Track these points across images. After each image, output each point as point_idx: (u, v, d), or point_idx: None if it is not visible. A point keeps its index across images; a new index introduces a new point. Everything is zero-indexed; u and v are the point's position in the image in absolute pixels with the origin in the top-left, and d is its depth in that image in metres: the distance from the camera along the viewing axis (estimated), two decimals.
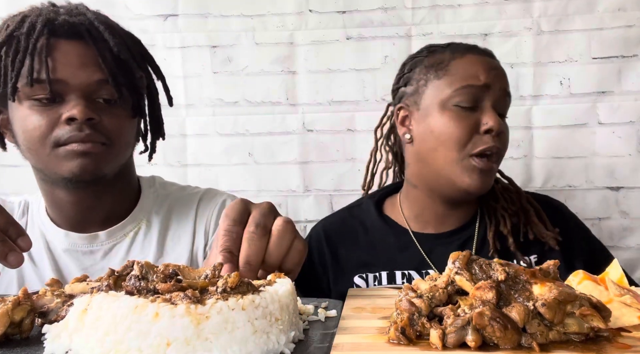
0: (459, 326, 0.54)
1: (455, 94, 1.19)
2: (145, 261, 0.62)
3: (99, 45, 1.07)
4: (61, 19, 1.07)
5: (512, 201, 1.31)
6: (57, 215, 1.17)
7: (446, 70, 1.22)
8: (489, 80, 1.18)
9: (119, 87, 1.07)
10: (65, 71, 1.04)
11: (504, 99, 1.22)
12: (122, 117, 1.11)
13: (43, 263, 1.15)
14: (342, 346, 0.55)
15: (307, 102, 1.91)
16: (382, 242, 1.31)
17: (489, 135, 1.16)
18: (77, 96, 1.05)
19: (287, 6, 1.90)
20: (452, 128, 1.18)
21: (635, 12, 1.78)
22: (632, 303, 0.59)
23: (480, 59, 1.23)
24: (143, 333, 0.53)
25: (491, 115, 1.17)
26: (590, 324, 0.54)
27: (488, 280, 0.58)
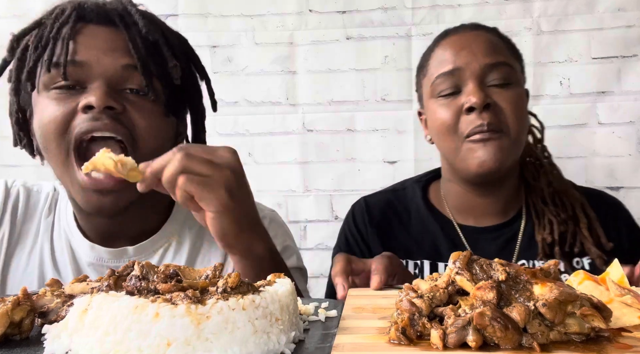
0: (459, 326, 0.53)
1: (434, 87, 1.19)
2: (146, 262, 0.62)
3: (130, 30, 0.96)
4: (91, 3, 0.99)
5: (563, 206, 1.23)
6: (86, 224, 1.06)
7: (427, 66, 1.24)
8: (460, 62, 1.16)
9: (148, 76, 0.95)
10: (88, 54, 0.93)
11: (494, 70, 1.15)
12: (152, 112, 0.97)
13: (66, 273, 1.06)
14: (342, 346, 0.55)
15: (307, 102, 1.91)
16: (426, 230, 1.28)
17: (475, 113, 1.12)
18: (100, 83, 0.93)
19: (287, 6, 1.90)
20: (439, 117, 1.17)
21: (635, 12, 1.78)
22: (633, 303, 0.59)
23: (452, 42, 1.21)
24: (143, 333, 0.53)
25: (470, 91, 1.13)
26: (591, 325, 0.54)
27: (489, 280, 0.58)
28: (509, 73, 1.17)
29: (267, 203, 1.34)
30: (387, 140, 1.90)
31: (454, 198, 1.28)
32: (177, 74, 1.00)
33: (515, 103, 1.15)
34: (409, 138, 1.90)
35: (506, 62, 1.18)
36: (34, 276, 1.06)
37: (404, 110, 1.89)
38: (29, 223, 1.09)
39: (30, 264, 1.06)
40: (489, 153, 1.13)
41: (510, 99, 1.15)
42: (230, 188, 0.82)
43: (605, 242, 1.19)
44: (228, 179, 0.82)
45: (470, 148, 1.14)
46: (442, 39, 1.24)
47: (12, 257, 1.07)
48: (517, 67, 1.22)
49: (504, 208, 1.26)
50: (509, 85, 1.16)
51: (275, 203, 1.90)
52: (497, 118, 1.13)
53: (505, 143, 1.14)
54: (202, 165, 0.81)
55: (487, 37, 1.20)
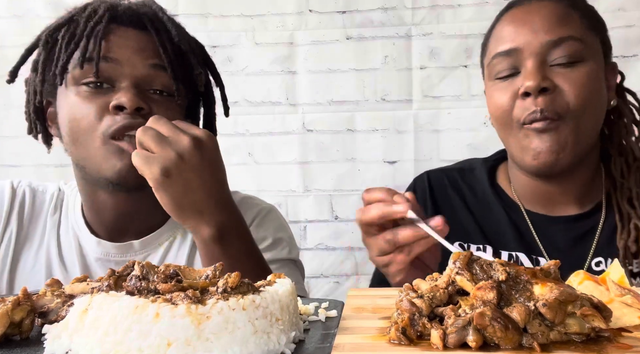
0: (459, 327, 0.53)
1: (491, 68, 1.09)
2: (146, 262, 0.62)
3: (160, 35, 1.01)
4: (124, 6, 1.03)
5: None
6: (94, 219, 1.10)
7: (487, 44, 1.13)
8: (519, 41, 1.04)
9: (176, 77, 1.00)
10: (119, 53, 0.98)
11: (558, 47, 1.02)
12: (176, 113, 1.02)
13: (74, 270, 1.08)
14: (342, 347, 0.55)
15: (307, 102, 1.91)
16: (491, 215, 1.17)
17: (531, 98, 1.01)
18: (128, 83, 0.97)
19: (287, 6, 1.90)
20: (495, 102, 1.08)
21: (635, 12, 1.78)
22: (633, 303, 0.59)
23: (512, 16, 1.09)
24: (143, 333, 0.53)
25: (527, 73, 1.01)
26: (591, 325, 0.54)
27: (489, 280, 0.58)
28: (577, 49, 1.02)
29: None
30: (387, 140, 1.90)
31: (521, 184, 1.16)
32: (201, 81, 1.06)
33: (581, 83, 1.01)
34: (409, 138, 1.90)
35: (573, 36, 1.03)
36: (41, 274, 1.08)
37: (404, 110, 1.90)
38: (35, 222, 1.12)
39: (37, 262, 1.09)
40: (545, 143, 1.02)
41: (575, 80, 1.01)
42: (167, 169, 0.86)
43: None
44: (167, 159, 0.86)
45: (526, 136, 1.03)
46: (505, 13, 1.12)
47: (20, 255, 1.10)
48: (590, 40, 1.05)
49: (579, 199, 1.13)
50: (577, 63, 1.02)
51: (275, 203, 1.88)
52: (556, 103, 1.00)
53: (565, 131, 1.01)
54: (151, 141, 0.87)
55: (553, 8, 1.06)
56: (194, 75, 1.05)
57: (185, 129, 0.89)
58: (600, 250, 1.10)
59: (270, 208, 1.23)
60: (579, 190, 1.12)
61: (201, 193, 0.90)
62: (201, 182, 0.90)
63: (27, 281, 1.07)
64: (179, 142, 0.87)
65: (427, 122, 1.88)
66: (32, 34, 2.13)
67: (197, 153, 0.88)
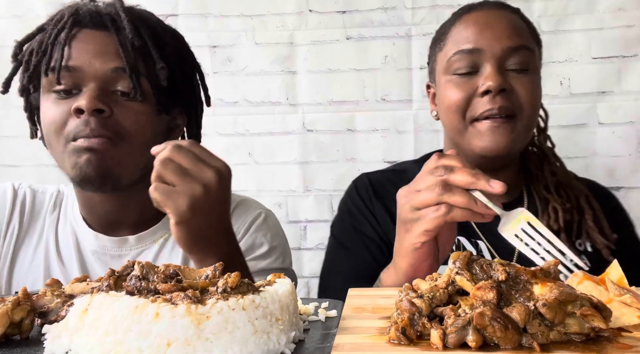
0: (459, 327, 0.53)
1: (451, 62, 1.16)
2: (146, 262, 0.62)
3: (121, 34, 1.03)
4: (86, 9, 1.05)
5: (567, 197, 1.23)
6: (88, 214, 1.14)
7: (446, 39, 1.20)
8: (482, 43, 1.12)
9: (136, 77, 1.01)
10: (81, 59, 1.00)
11: (515, 54, 1.12)
12: (141, 113, 1.04)
13: (71, 264, 1.12)
14: (342, 347, 0.55)
15: (307, 102, 1.91)
16: None
17: (489, 96, 1.10)
18: (92, 87, 1.00)
19: (287, 6, 1.90)
20: (451, 95, 1.15)
21: (635, 12, 1.78)
22: (632, 303, 0.59)
23: (477, 18, 1.17)
24: (143, 333, 0.53)
25: (488, 74, 1.10)
26: (591, 325, 0.54)
27: (489, 280, 0.58)
28: (529, 58, 1.14)
29: (267, 203, 1.34)
30: (387, 140, 1.90)
31: None
32: (163, 76, 1.05)
33: (531, 89, 1.13)
34: (409, 138, 1.90)
35: (528, 46, 1.15)
36: (39, 269, 1.11)
37: (404, 110, 1.89)
38: (35, 220, 1.16)
39: (36, 257, 1.12)
40: (496, 139, 1.11)
41: (527, 85, 1.12)
42: (194, 203, 0.84)
43: (609, 233, 1.20)
44: (194, 193, 0.84)
45: (479, 131, 1.12)
46: (465, 14, 1.20)
47: (19, 252, 1.13)
48: (537, 52, 1.19)
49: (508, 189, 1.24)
50: (527, 71, 1.14)
51: (275, 203, 1.90)
52: (510, 103, 1.11)
53: (516, 129, 1.12)
54: (173, 175, 0.84)
55: (511, 19, 1.17)
56: (156, 70, 1.04)
57: (207, 160, 0.87)
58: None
59: (267, 213, 1.23)
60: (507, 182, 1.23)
61: (217, 226, 0.90)
62: (219, 215, 0.90)
63: (26, 276, 1.10)
64: (204, 176, 0.85)
65: (427, 122, 1.88)
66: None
67: (221, 186, 0.87)
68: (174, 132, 1.16)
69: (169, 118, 1.12)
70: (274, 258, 1.15)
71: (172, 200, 0.84)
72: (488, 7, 1.20)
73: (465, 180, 0.82)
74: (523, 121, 1.13)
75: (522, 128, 1.13)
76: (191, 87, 1.17)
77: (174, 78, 1.08)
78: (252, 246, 1.14)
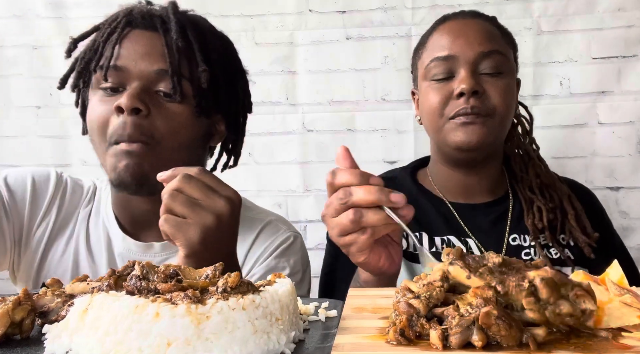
0: (464, 326, 0.53)
1: (428, 69, 1.23)
2: (147, 262, 0.62)
3: (168, 35, 1.05)
4: (138, 10, 1.08)
5: (551, 198, 1.30)
6: (121, 213, 1.14)
7: (424, 48, 1.28)
8: (455, 49, 1.20)
9: (178, 79, 1.03)
10: (129, 59, 1.03)
11: (487, 58, 1.19)
12: (178, 114, 1.04)
13: (101, 261, 1.12)
14: (342, 347, 0.55)
15: (307, 102, 1.91)
16: (420, 209, 1.29)
17: (464, 98, 1.17)
18: (134, 86, 1.01)
19: (287, 6, 1.90)
20: (430, 99, 1.22)
21: (635, 12, 1.78)
22: (633, 303, 0.59)
23: (450, 27, 1.25)
24: (143, 333, 0.53)
25: (462, 78, 1.18)
26: (582, 307, 0.55)
27: (482, 267, 0.59)
28: (502, 62, 1.21)
29: (267, 203, 1.34)
30: (387, 140, 1.90)
31: (442, 178, 1.34)
32: (205, 78, 1.06)
33: (504, 91, 1.20)
34: (409, 138, 1.90)
35: (500, 50, 1.21)
36: (68, 263, 1.11)
37: (404, 110, 1.90)
38: (72, 212, 1.16)
39: (67, 251, 1.13)
40: (468, 133, 1.18)
41: (499, 88, 1.20)
42: (206, 234, 0.83)
43: (591, 232, 1.27)
44: (205, 224, 0.83)
45: (452, 128, 1.20)
46: (441, 24, 1.28)
47: (52, 243, 1.13)
48: (510, 56, 1.25)
49: (491, 189, 1.33)
50: (501, 74, 1.21)
51: (275, 203, 1.90)
52: (484, 104, 1.18)
53: (487, 124, 1.19)
54: (183, 206, 0.83)
55: (484, 26, 1.24)
56: (198, 72, 1.06)
57: (218, 189, 0.86)
58: (513, 229, 1.29)
59: (296, 236, 1.22)
60: (489, 181, 1.33)
61: (225, 253, 0.89)
62: (229, 244, 0.90)
63: (56, 268, 1.11)
64: (215, 206, 0.84)
65: None
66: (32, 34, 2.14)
67: (232, 215, 0.86)
68: (213, 137, 1.17)
69: (208, 123, 1.12)
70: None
71: (183, 232, 0.82)
72: (462, 16, 1.28)
73: (368, 200, 0.81)
74: (496, 120, 1.20)
75: (495, 125, 1.20)
76: (234, 93, 1.18)
77: (216, 82, 1.09)
78: (273, 269, 1.13)
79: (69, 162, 2.01)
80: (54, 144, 2.02)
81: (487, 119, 1.19)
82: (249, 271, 1.14)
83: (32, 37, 1.99)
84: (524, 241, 1.27)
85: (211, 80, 1.07)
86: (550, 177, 1.34)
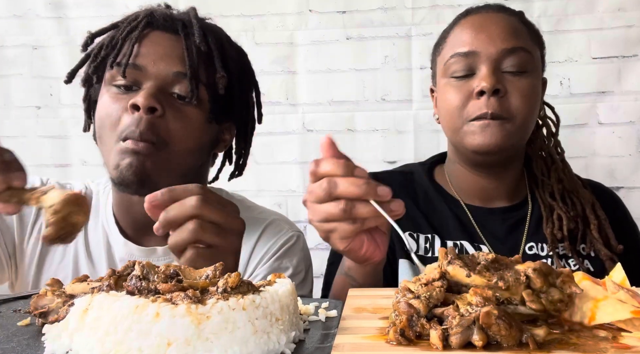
0: (465, 326, 0.54)
1: (448, 65, 1.17)
2: (147, 262, 0.62)
3: (189, 39, 1.05)
4: (161, 12, 1.09)
5: (573, 205, 1.22)
6: (123, 216, 1.12)
7: (444, 43, 1.21)
8: (477, 45, 1.13)
9: (195, 83, 1.03)
10: (147, 59, 1.03)
11: (510, 56, 1.12)
12: (191, 117, 1.04)
13: (101, 267, 1.11)
14: (342, 347, 0.55)
15: (307, 102, 1.92)
16: (434, 209, 1.26)
17: (484, 98, 1.11)
18: (151, 85, 1.01)
19: (287, 6, 1.90)
20: (449, 98, 1.16)
21: (635, 12, 1.78)
22: (627, 299, 0.60)
23: (472, 21, 1.18)
24: (144, 333, 0.53)
25: (483, 76, 1.11)
26: (568, 291, 0.59)
27: (477, 266, 0.60)
28: (526, 60, 1.14)
29: (267, 203, 1.34)
30: (387, 140, 1.91)
31: (459, 179, 1.27)
32: (222, 84, 1.06)
33: (527, 92, 1.13)
34: (409, 138, 1.90)
35: (524, 48, 1.14)
36: (69, 269, 1.10)
37: (404, 110, 1.90)
38: None
39: (65, 256, 1.12)
40: (487, 136, 1.12)
41: (522, 88, 1.12)
42: (236, 255, 0.85)
43: (615, 244, 1.19)
44: (235, 248, 0.85)
45: (472, 131, 1.13)
46: (463, 18, 1.21)
47: (48, 250, 1.12)
48: (536, 54, 1.18)
49: (509, 193, 1.26)
50: (524, 73, 1.13)
51: (275, 203, 1.90)
52: (504, 106, 1.11)
53: (507, 128, 1.12)
54: (214, 236, 0.80)
55: (509, 21, 1.17)
56: (215, 78, 1.06)
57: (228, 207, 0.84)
58: (530, 237, 1.22)
59: (299, 235, 1.21)
60: (508, 185, 1.26)
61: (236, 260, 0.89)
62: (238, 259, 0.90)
63: (55, 274, 1.09)
64: (236, 227, 0.84)
65: (427, 122, 1.88)
66: (32, 34, 2.14)
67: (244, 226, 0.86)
68: (219, 145, 1.17)
69: (218, 129, 1.13)
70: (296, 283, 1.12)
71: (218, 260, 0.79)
72: (485, 10, 1.20)
73: (354, 192, 0.79)
74: (516, 122, 1.13)
75: (515, 129, 1.13)
76: (246, 103, 1.19)
77: (231, 89, 1.10)
78: (277, 270, 1.12)
79: (69, 162, 2.02)
80: (54, 144, 2.02)
81: (507, 122, 1.12)
82: (252, 271, 1.13)
83: (32, 37, 2.00)
84: (541, 250, 1.20)
85: (227, 87, 1.08)
86: (573, 182, 1.26)
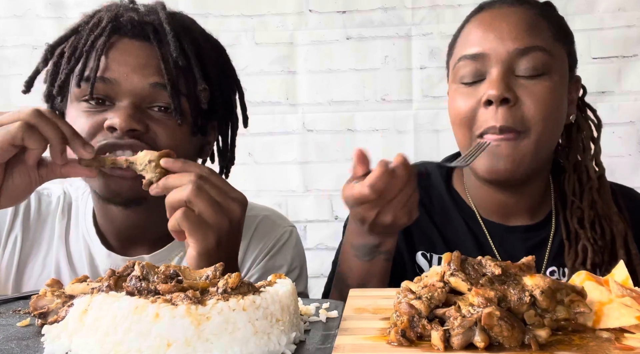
0: (466, 327, 0.53)
1: (456, 69, 1.04)
2: (147, 262, 0.62)
3: (163, 47, 0.96)
4: (127, 16, 0.98)
5: (602, 234, 1.05)
6: (106, 228, 1.06)
7: (454, 45, 1.09)
8: (486, 46, 0.99)
9: (177, 95, 0.95)
10: (118, 71, 0.94)
11: (525, 57, 0.98)
12: (176, 131, 0.97)
13: None
14: (343, 347, 0.55)
15: (307, 102, 1.91)
16: (450, 223, 1.14)
17: (492, 108, 0.97)
18: (127, 102, 0.93)
19: (287, 6, 1.90)
20: (455, 108, 1.04)
21: (635, 12, 1.78)
22: (632, 304, 0.59)
23: (483, 18, 1.04)
24: (143, 333, 0.53)
25: (491, 82, 0.97)
26: (576, 310, 0.57)
27: (482, 277, 0.59)
28: (544, 61, 0.98)
29: (267, 203, 1.33)
30: (387, 140, 1.90)
31: (476, 192, 1.13)
32: (204, 98, 0.99)
33: (543, 98, 0.97)
34: (409, 138, 1.89)
35: (541, 46, 0.99)
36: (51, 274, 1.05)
37: (404, 110, 1.89)
38: (42, 226, 1.08)
39: (46, 268, 1.06)
40: (495, 162, 0.99)
41: (538, 94, 0.97)
42: (220, 236, 0.82)
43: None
44: (222, 227, 0.82)
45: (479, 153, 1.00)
46: (475, 15, 1.07)
47: (27, 262, 1.06)
48: (558, 52, 1.02)
49: (531, 210, 1.11)
50: (542, 76, 0.98)
51: (275, 203, 1.90)
52: (516, 116, 0.97)
53: (522, 146, 0.98)
54: (207, 206, 0.81)
55: (524, 16, 1.01)
56: (197, 91, 0.99)
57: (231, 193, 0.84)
58: (552, 260, 1.09)
59: (292, 231, 1.19)
60: (531, 201, 1.11)
61: (233, 254, 0.89)
62: (237, 245, 0.89)
63: (36, 287, 1.03)
64: (231, 211, 0.83)
65: (427, 122, 1.88)
66: (32, 34, 2.14)
67: (243, 218, 0.86)
68: (204, 150, 1.11)
69: (203, 139, 1.07)
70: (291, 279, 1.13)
71: (202, 231, 0.81)
72: (500, 4, 1.05)
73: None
74: (532, 138, 0.98)
75: (531, 144, 0.98)
76: (229, 105, 1.12)
77: (214, 98, 1.03)
78: (271, 269, 1.10)
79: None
80: None
81: (521, 137, 0.97)
82: (247, 270, 1.11)
83: (32, 37, 1.99)
84: (562, 275, 1.07)
85: (210, 98, 1.01)
86: (609, 206, 1.07)
